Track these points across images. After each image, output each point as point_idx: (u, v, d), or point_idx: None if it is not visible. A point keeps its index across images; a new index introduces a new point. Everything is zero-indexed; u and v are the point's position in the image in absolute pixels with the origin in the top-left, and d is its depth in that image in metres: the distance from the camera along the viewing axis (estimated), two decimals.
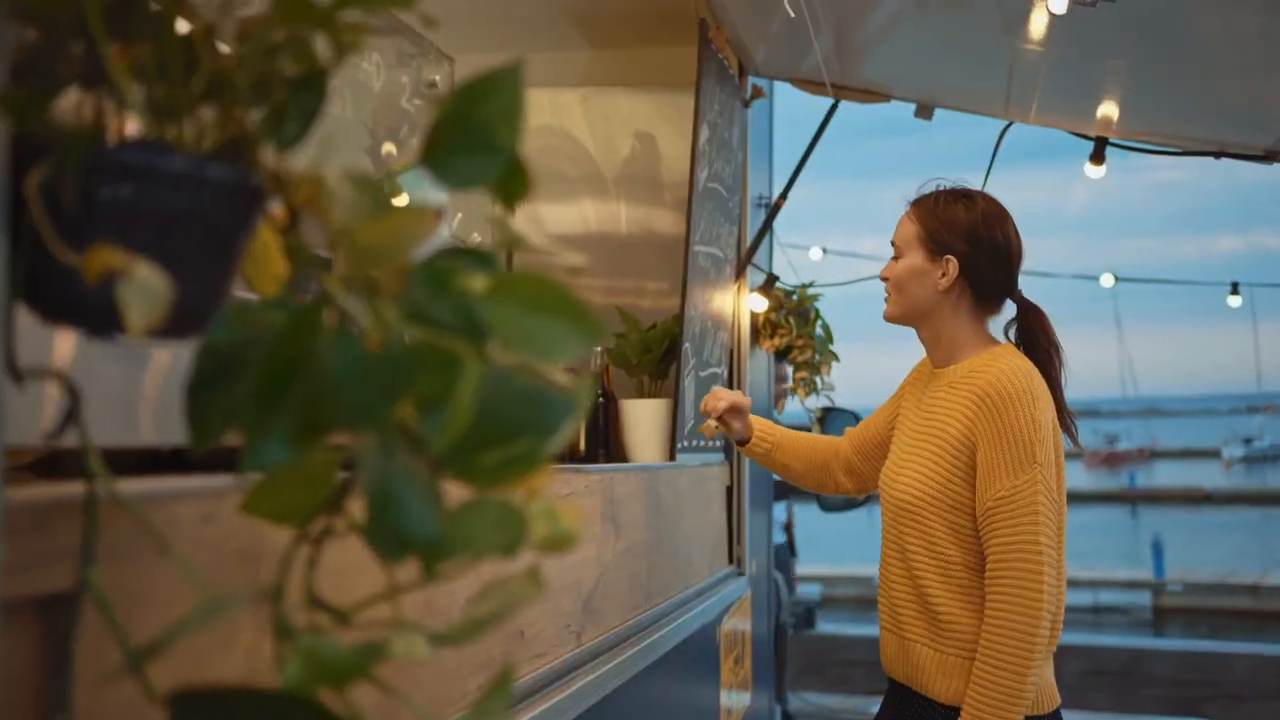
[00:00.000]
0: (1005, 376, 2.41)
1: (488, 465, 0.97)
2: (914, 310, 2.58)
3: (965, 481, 2.43)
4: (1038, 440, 2.36)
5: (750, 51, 4.07)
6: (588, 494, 2.42)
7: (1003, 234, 2.54)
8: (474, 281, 0.96)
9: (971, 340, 2.56)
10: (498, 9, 4.32)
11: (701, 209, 3.43)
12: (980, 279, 2.53)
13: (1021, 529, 2.33)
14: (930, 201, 2.58)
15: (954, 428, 2.46)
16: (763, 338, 4.38)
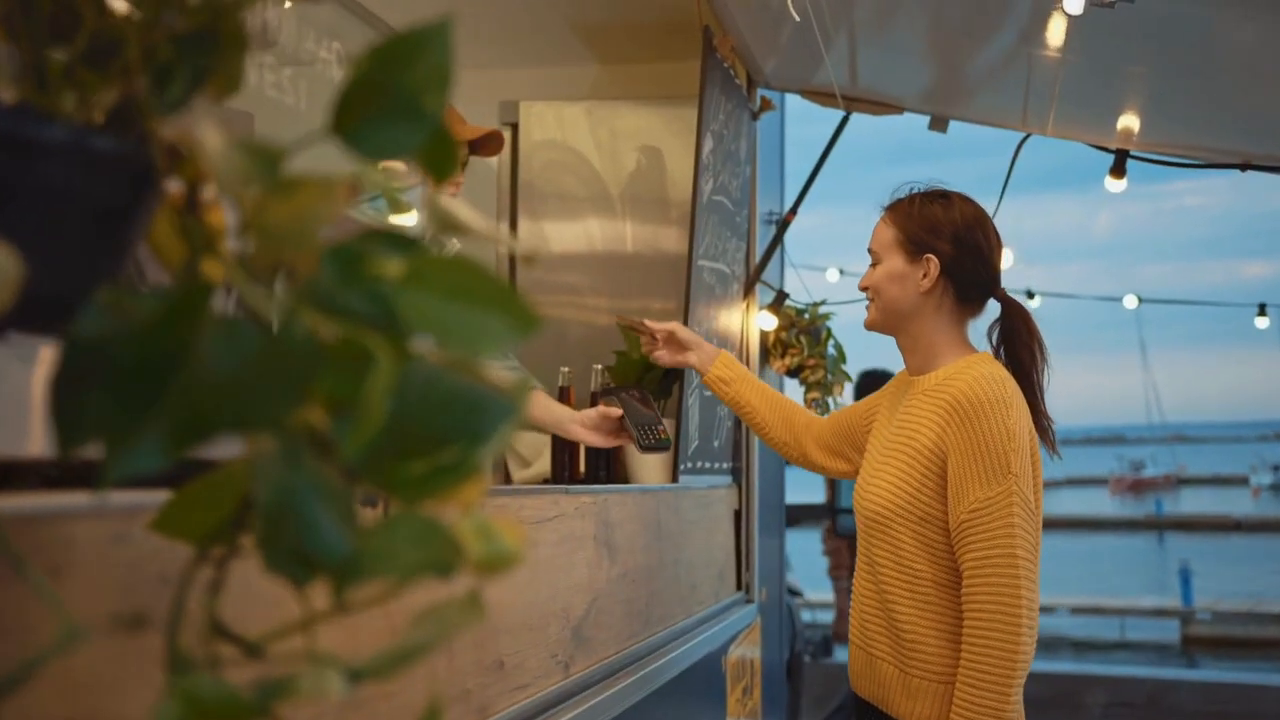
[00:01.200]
0: (977, 384, 2.32)
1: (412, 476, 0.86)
2: (896, 315, 2.49)
3: (936, 493, 2.34)
4: (1012, 450, 2.26)
5: (759, 64, 3.97)
6: (578, 516, 2.30)
7: (981, 230, 2.45)
8: (388, 266, 0.84)
9: (950, 346, 2.46)
10: (504, 23, 4.24)
11: (706, 222, 3.32)
12: (962, 277, 2.44)
13: (997, 542, 2.23)
14: (905, 204, 2.50)
15: (924, 437, 2.36)
16: (773, 357, 4.26)
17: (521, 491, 2.05)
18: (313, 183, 0.84)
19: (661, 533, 2.94)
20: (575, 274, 4.12)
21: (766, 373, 4.31)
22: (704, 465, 3.51)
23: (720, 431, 3.72)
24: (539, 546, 2.09)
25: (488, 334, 0.84)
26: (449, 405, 0.85)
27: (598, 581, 2.41)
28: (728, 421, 3.79)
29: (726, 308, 3.70)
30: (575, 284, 4.11)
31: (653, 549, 2.85)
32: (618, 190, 4.08)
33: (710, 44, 3.23)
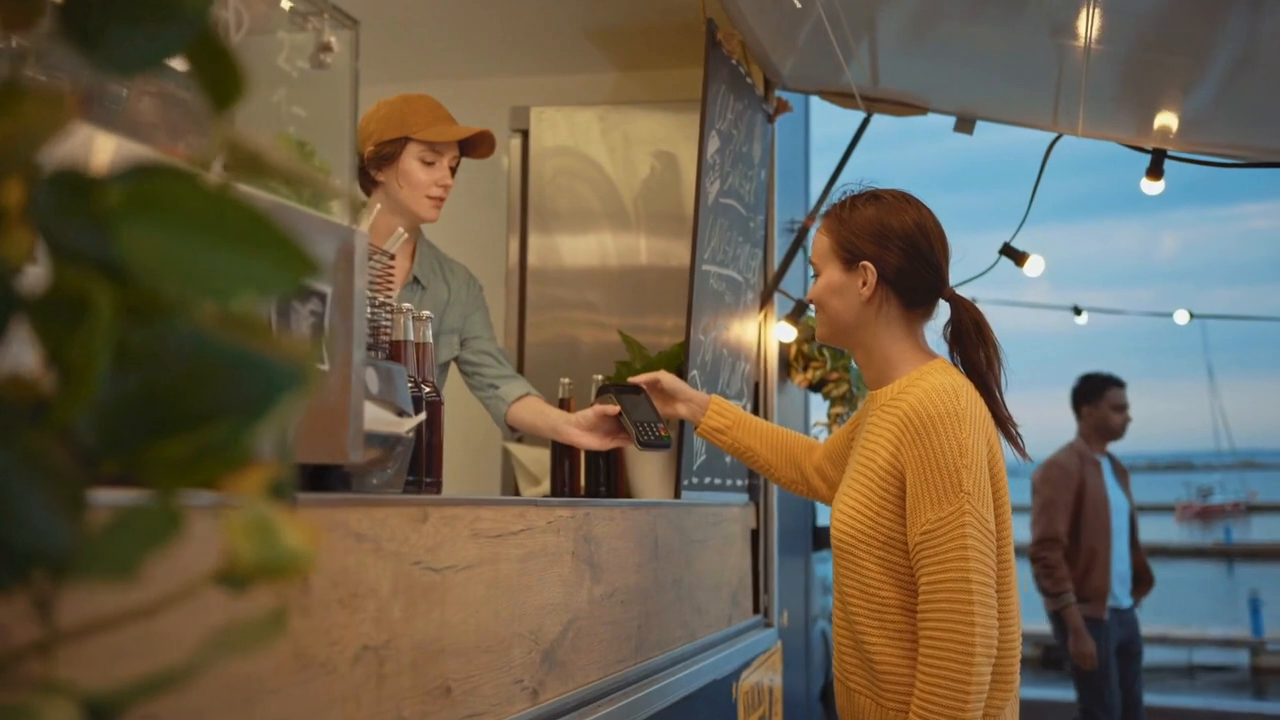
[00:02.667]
0: (928, 398, 2.19)
1: (168, 457, 0.71)
2: (842, 328, 2.36)
3: (895, 514, 2.21)
4: (964, 466, 2.13)
5: (776, 65, 3.81)
6: (550, 531, 2.14)
7: (917, 226, 2.30)
8: (108, 193, 0.68)
9: (904, 356, 2.32)
10: (516, 29, 4.12)
11: (712, 225, 3.16)
12: (902, 281, 2.30)
13: (948, 565, 2.10)
14: (837, 209, 2.37)
15: (881, 457, 2.24)
16: (794, 371, 4.09)
17: (479, 501, 1.90)
18: (37, 94, 0.69)
19: (659, 551, 2.77)
20: (588, 288, 3.97)
21: (787, 387, 4.13)
22: (713, 482, 3.34)
23: None
24: (499, 563, 1.93)
25: (245, 279, 0.69)
26: (217, 372, 0.70)
27: (576, 601, 2.25)
28: None
29: (739, 318, 3.54)
30: (589, 299, 3.97)
31: (647, 568, 2.68)
32: (631, 198, 3.93)
33: (714, 38, 3.08)
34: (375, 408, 1.72)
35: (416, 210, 2.97)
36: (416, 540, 1.67)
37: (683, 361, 3.04)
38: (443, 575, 1.74)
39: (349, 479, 1.57)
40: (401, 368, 1.85)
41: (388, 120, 2.97)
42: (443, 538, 1.75)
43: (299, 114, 1.50)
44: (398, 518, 1.63)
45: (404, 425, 1.78)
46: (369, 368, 1.73)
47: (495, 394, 3.06)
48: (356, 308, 1.58)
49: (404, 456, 1.80)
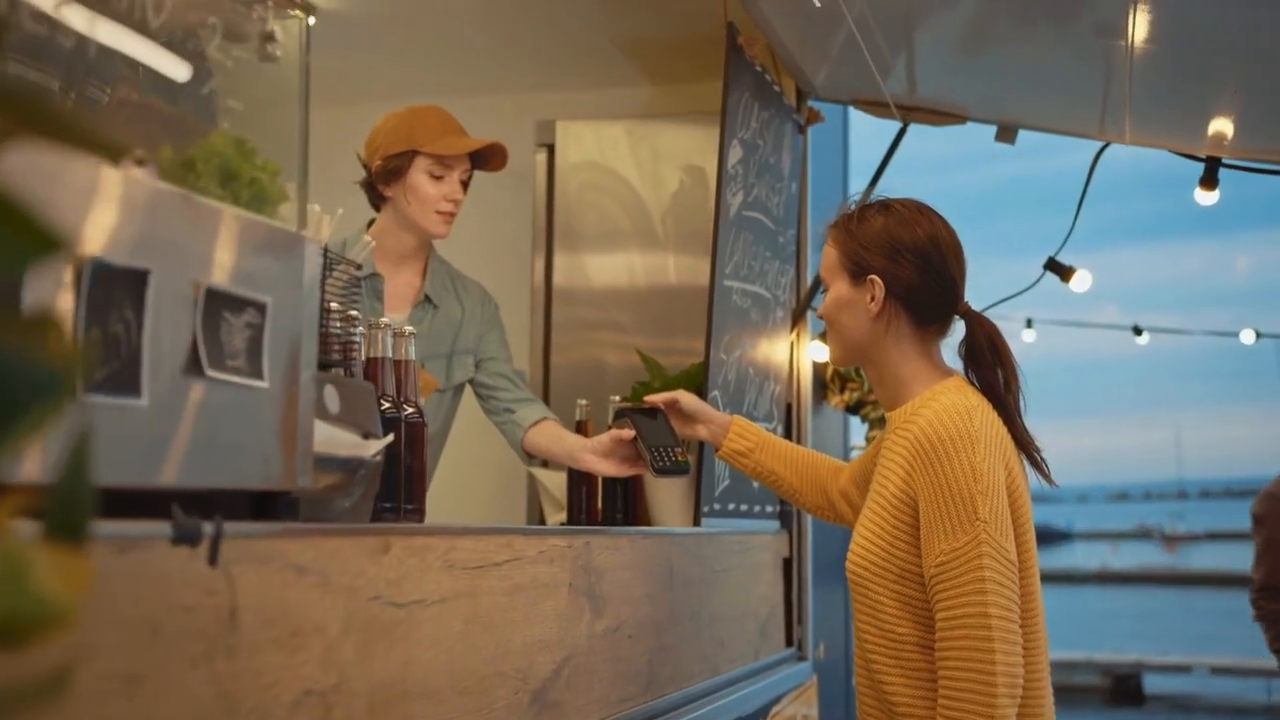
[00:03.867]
0: (939, 419, 2.04)
1: None
2: (853, 346, 2.22)
3: (910, 545, 2.06)
4: (979, 492, 1.98)
5: (808, 74, 3.67)
6: (542, 561, 2.00)
7: (929, 238, 2.16)
8: None
9: (918, 374, 2.18)
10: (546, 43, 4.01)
11: (734, 239, 3.02)
12: (913, 296, 2.15)
13: (966, 599, 1.95)
14: (845, 220, 2.22)
15: (893, 483, 2.10)
16: (831, 393, 3.93)
17: (455, 530, 1.77)
18: None
19: (674, 581, 2.62)
20: (615, 309, 3.84)
21: (824, 409, 3.97)
22: (739, 508, 3.19)
23: None
24: (479, 596, 1.79)
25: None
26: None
27: (574, 637, 2.11)
28: None
29: (767, 336, 3.38)
30: (616, 320, 3.83)
31: (660, 599, 2.53)
32: (660, 214, 3.80)
33: (734, 42, 2.94)
34: (335, 429, 1.59)
35: (426, 226, 2.85)
36: (375, 573, 1.54)
37: (703, 382, 2.89)
38: (408, 610, 1.61)
39: (296, 506, 1.44)
40: (370, 386, 1.73)
41: (395, 133, 2.86)
42: (408, 570, 1.61)
43: (234, 107, 1.38)
44: (352, 548, 1.50)
45: (369, 448, 1.65)
46: (328, 386, 1.60)
47: (511, 419, 2.93)
48: (306, 321, 1.45)
49: (370, 481, 1.67)
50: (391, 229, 2.89)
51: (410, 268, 2.95)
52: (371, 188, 2.90)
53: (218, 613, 1.24)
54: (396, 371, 1.96)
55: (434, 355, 2.92)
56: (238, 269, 1.32)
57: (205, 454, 1.27)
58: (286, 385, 1.41)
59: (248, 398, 1.34)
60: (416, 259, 2.95)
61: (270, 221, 1.40)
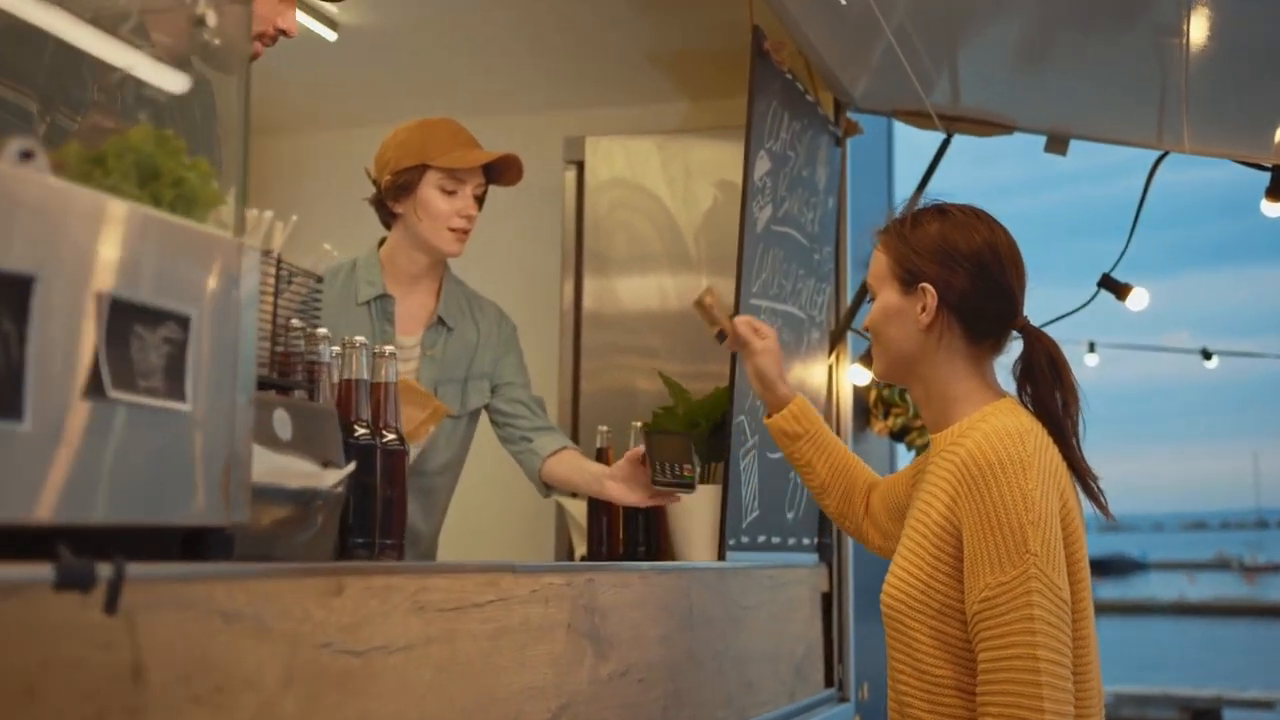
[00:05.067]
0: (988, 442, 1.87)
1: None
2: (900, 360, 2.04)
3: (951, 578, 1.87)
4: (1030, 523, 1.80)
5: (846, 85, 3.50)
6: (535, 601, 1.84)
7: (986, 243, 1.99)
8: None
9: (968, 394, 2.00)
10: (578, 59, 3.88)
11: (762, 255, 2.86)
12: (968, 307, 1.98)
13: (1012, 639, 1.77)
14: (897, 225, 2.05)
15: (936, 509, 1.92)
16: (874, 418, 3.74)
17: (425, 568, 1.61)
18: None
19: (694, 619, 2.45)
20: (647, 333, 3.68)
21: (867, 435, 3.78)
22: (770, 540, 3.01)
23: (798, 502, 3.21)
24: (456, 641, 1.63)
25: None
26: None
27: (573, 683, 1.94)
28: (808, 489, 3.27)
29: (803, 359, 3.21)
30: (648, 344, 3.66)
31: (677, 640, 2.36)
32: (692, 232, 3.64)
33: (760, 47, 2.78)
34: (286, 458, 1.44)
35: (437, 243, 2.71)
36: (325, 617, 1.38)
37: (728, 406, 2.72)
38: (365, 659, 1.45)
39: (230, 543, 1.29)
40: (331, 410, 1.58)
41: (405, 147, 2.73)
42: (368, 613, 1.46)
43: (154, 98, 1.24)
44: (295, 591, 1.34)
45: (327, 478, 1.50)
46: (278, 410, 1.45)
47: (529, 447, 2.78)
48: (243, 337, 1.30)
49: (330, 515, 1.52)
50: (403, 248, 2.76)
51: (423, 288, 2.81)
52: (381, 204, 2.77)
53: (114, 669, 1.10)
54: (375, 395, 1.81)
55: (448, 380, 2.77)
56: (155, 278, 1.18)
57: (111, 486, 1.13)
58: (217, 408, 1.26)
59: (166, 422, 1.19)
60: (430, 279, 2.81)
61: (196, 226, 1.25)
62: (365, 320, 2.72)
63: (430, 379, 2.74)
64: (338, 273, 2.75)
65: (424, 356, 2.76)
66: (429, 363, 2.76)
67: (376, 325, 2.72)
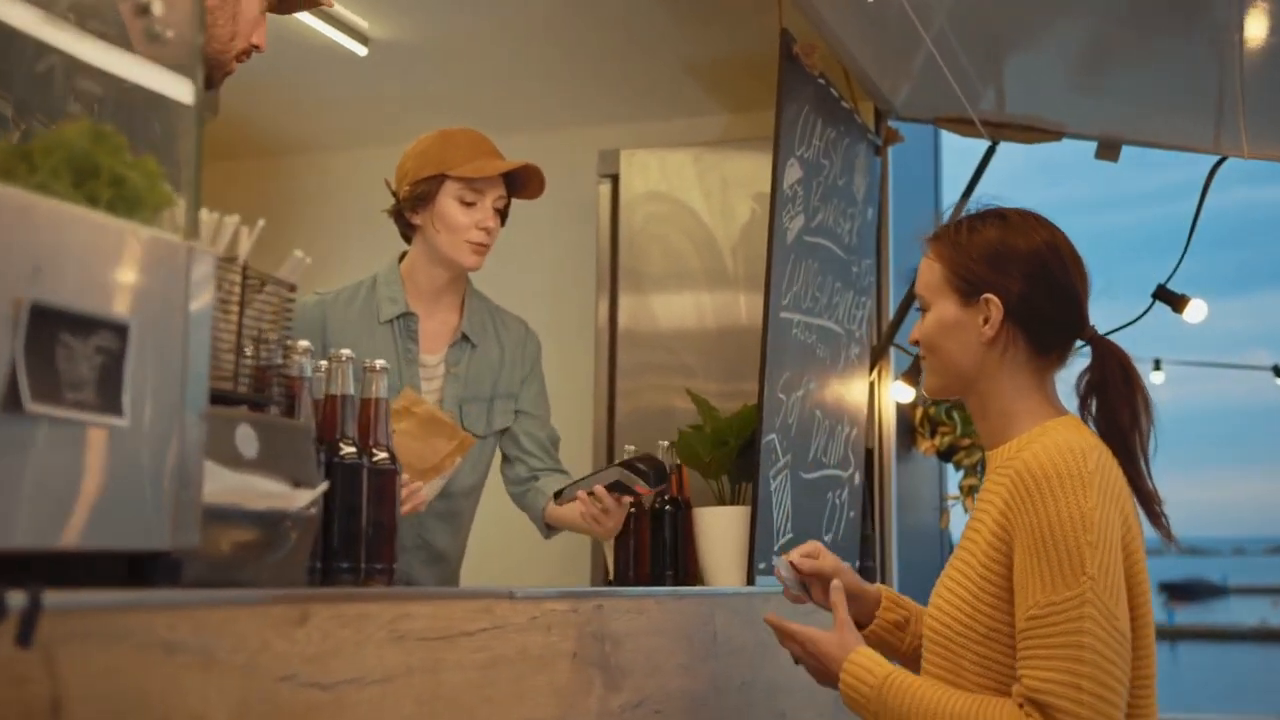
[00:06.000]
0: (1046, 454, 1.73)
1: None
2: (956, 375, 1.90)
3: (999, 599, 1.75)
4: (1088, 543, 1.67)
5: (886, 92, 3.38)
6: (534, 629, 1.74)
7: (1048, 244, 1.86)
8: None
9: (1028, 410, 1.86)
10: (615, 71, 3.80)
11: (793, 266, 2.75)
12: (1034, 318, 1.85)
13: (1055, 665, 1.64)
14: (951, 232, 1.91)
15: (987, 526, 1.79)
16: (920, 437, 3.61)
17: (406, 594, 1.52)
18: None
19: (719, 648, 2.34)
20: (684, 351, 3.58)
21: (913, 456, 3.64)
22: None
23: (838, 524, 3.08)
24: (442, 672, 1.54)
25: None
26: None
27: (578, 714, 1.84)
28: (849, 511, 3.15)
29: (840, 375, 3.09)
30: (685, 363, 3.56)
31: (699, 669, 2.25)
32: (729, 245, 3.54)
33: (789, 51, 2.68)
34: (250, 477, 1.35)
35: (455, 256, 2.62)
36: (287, 648, 1.29)
37: (757, 424, 2.61)
38: (335, 692, 1.35)
39: (177, 568, 1.20)
40: (306, 427, 1.49)
41: (424, 157, 2.65)
42: (337, 644, 1.36)
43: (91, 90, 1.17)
44: (250, 619, 1.25)
45: (297, 499, 1.41)
46: (242, 426, 1.37)
47: (535, 486, 2.71)
48: (194, 347, 1.22)
49: (301, 538, 1.43)
50: (422, 263, 2.68)
51: (446, 304, 2.72)
52: (400, 216, 2.69)
53: (29, 705, 1.01)
54: (365, 411, 1.72)
55: (473, 398, 2.68)
56: (86, 283, 1.09)
57: (33, 507, 1.04)
58: (161, 423, 1.17)
59: (99, 438, 1.10)
60: (452, 294, 2.73)
61: (138, 228, 1.17)
62: (389, 339, 2.64)
63: (455, 397, 2.66)
64: (357, 290, 2.68)
65: (448, 375, 2.68)
66: (453, 381, 2.67)
67: (400, 344, 2.64)
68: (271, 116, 4.31)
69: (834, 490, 3.02)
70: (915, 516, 3.57)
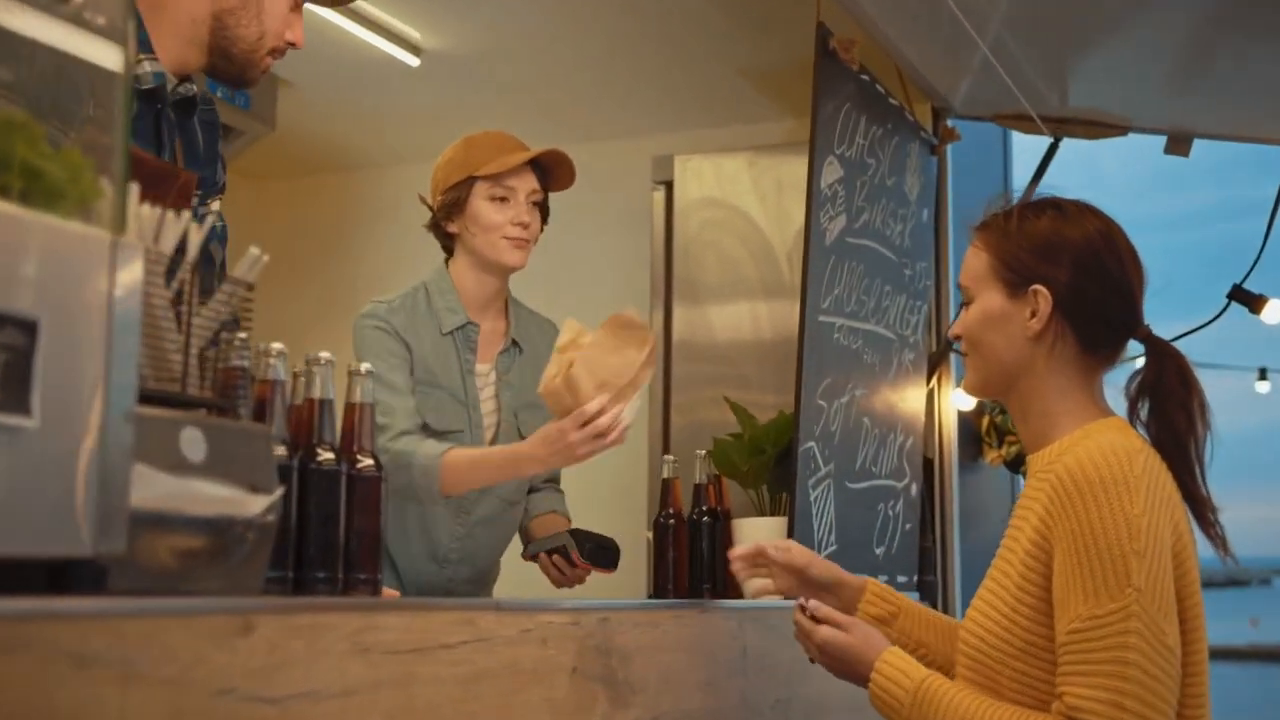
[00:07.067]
0: (1090, 458, 1.62)
1: None
2: (999, 372, 1.79)
3: (1037, 613, 1.65)
4: (1134, 552, 1.56)
5: (944, 92, 3.27)
6: (527, 642, 1.67)
7: (1110, 249, 1.76)
8: None
9: (1072, 411, 1.76)
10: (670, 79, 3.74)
11: (834, 269, 2.65)
12: (1084, 312, 1.75)
13: (1098, 682, 1.55)
14: (1001, 220, 1.80)
15: (1026, 535, 1.69)
16: (987, 447, 3.47)
17: (370, 606, 1.46)
18: None
19: (749, 665, 2.25)
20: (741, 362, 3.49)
21: (979, 467, 3.51)
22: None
23: (891, 536, 2.97)
24: (412, 686, 1.47)
25: None
26: None
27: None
28: (904, 523, 3.03)
29: (892, 382, 2.97)
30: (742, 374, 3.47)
31: (725, 686, 2.16)
32: (785, 251, 3.45)
33: (825, 46, 2.58)
34: (197, 482, 1.30)
35: (495, 257, 2.57)
36: (227, 661, 1.23)
37: (793, 433, 2.52)
38: (284, 706, 1.29)
39: (101, 576, 1.15)
40: (262, 430, 1.43)
41: (450, 164, 2.62)
42: (288, 655, 1.30)
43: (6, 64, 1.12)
44: (183, 630, 1.19)
45: (250, 505, 1.35)
46: (188, 429, 1.31)
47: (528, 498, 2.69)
48: (119, 345, 1.17)
49: (258, 546, 1.38)
50: (469, 272, 2.62)
51: (494, 312, 2.68)
52: (438, 228, 2.65)
53: None
54: (349, 416, 1.67)
55: (527, 405, 2.62)
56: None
57: None
58: (79, 425, 1.12)
59: (3, 440, 1.06)
60: (498, 301, 2.68)
61: (51, 221, 1.12)
62: (451, 350, 2.59)
63: (511, 406, 2.62)
64: (414, 299, 2.60)
65: (500, 383, 2.63)
66: (506, 389, 2.63)
67: (461, 355, 2.59)
68: (328, 132, 4.32)
69: (886, 501, 2.91)
70: (982, 530, 3.43)
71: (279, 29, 2.06)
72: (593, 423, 2.22)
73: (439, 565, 2.61)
